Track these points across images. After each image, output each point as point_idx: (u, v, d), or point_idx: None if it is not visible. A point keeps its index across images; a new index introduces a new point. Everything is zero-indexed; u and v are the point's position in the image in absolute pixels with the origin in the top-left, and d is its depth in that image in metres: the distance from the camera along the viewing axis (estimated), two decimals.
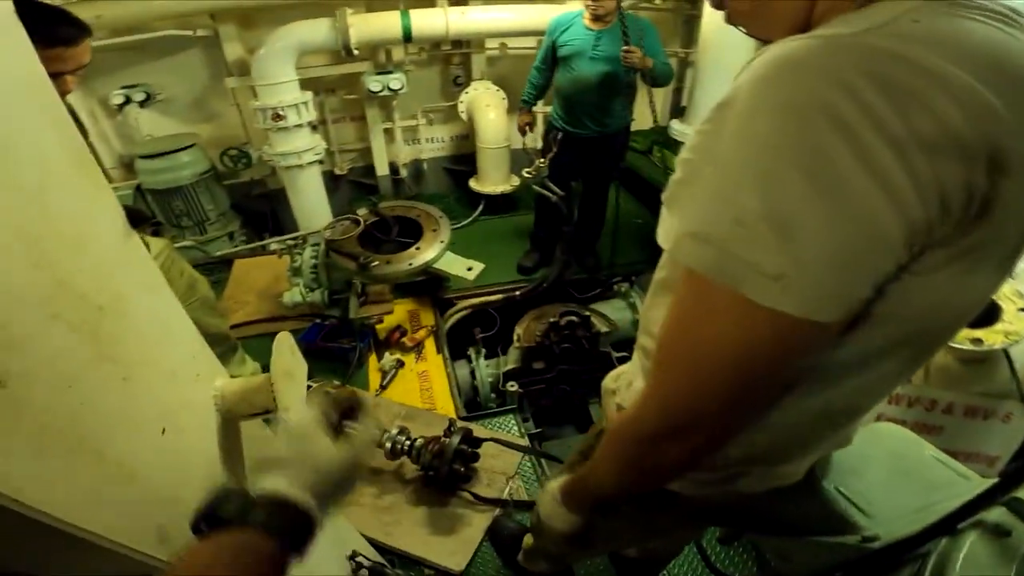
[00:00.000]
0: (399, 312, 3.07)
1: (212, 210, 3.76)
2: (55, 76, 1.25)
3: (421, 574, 1.83)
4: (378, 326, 2.85)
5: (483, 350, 3.14)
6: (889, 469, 0.98)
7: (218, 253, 3.70)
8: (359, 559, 1.23)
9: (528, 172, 2.82)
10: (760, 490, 0.82)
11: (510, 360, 3.09)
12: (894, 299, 0.52)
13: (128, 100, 3.73)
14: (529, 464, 2.18)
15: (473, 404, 3.12)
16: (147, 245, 1.78)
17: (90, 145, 3.47)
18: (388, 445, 1.97)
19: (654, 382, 0.65)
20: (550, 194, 2.87)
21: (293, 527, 0.56)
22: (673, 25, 4.29)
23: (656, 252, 0.73)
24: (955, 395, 1.90)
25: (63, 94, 1.33)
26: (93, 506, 0.54)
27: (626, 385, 0.94)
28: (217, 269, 3.52)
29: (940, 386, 1.94)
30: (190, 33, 3.50)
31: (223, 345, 2.15)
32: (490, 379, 3.08)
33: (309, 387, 0.86)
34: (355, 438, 0.70)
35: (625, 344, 3.31)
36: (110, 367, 0.61)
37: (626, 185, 4.38)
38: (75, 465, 0.53)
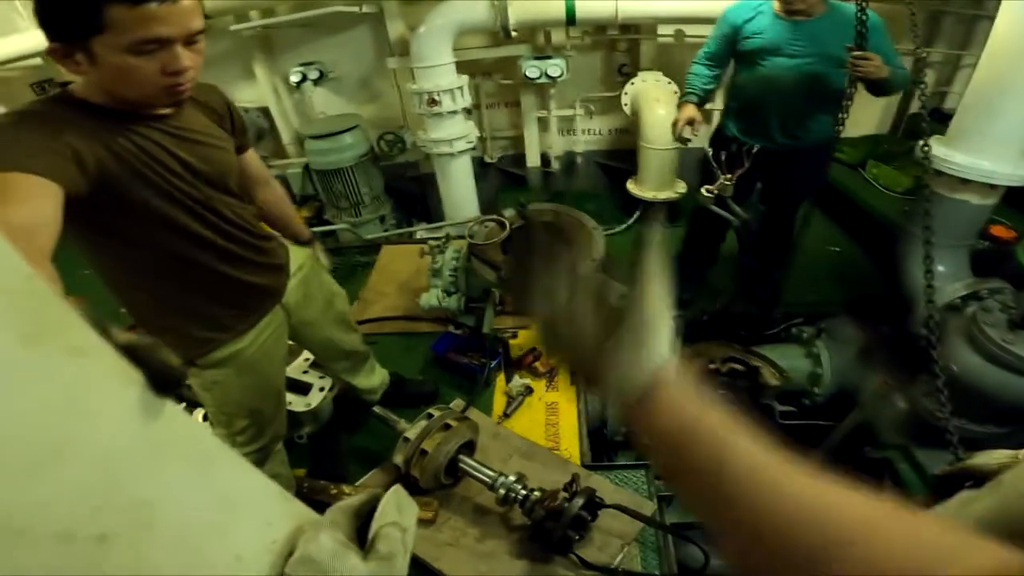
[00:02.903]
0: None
1: (367, 193, 3.82)
2: (161, 43, 1.01)
3: None
4: (511, 341, 2.64)
5: None
6: None
7: (368, 236, 3.76)
8: None
9: (709, 191, 2.34)
10: None
11: None
12: None
13: (304, 77, 3.91)
14: (651, 530, 1.86)
15: (598, 435, 2.81)
16: (289, 254, 1.68)
17: (272, 122, 3.70)
18: (502, 492, 1.75)
19: None
20: (731, 217, 2.38)
21: None
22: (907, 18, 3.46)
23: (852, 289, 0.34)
24: None
25: (177, 75, 1.08)
26: None
27: None
28: (367, 252, 3.58)
29: None
30: (356, 9, 3.50)
31: (353, 359, 2.08)
32: None
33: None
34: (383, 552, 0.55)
35: (791, 396, 2.74)
36: None
37: (824, 205, 3.65)
38: None
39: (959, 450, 1.32)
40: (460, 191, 3.63)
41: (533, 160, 4.21)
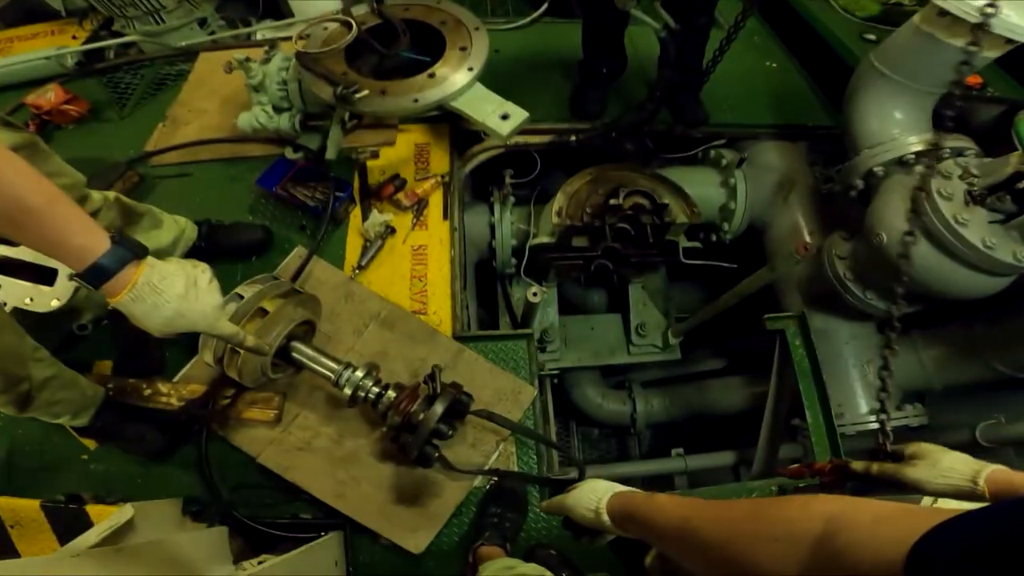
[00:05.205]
0: (404, 144, 2.19)
1: None
2: None
3: (375, 543, 1.49)
4: (370, 163, 2.05)
5: (512, 198, 2.36)
6: None
7: (182, 43, 2.72)
8: None
9: None
10: None
11: (542, 231, 2.32)
12: None
13: None
14: (530, 422, 1.67)
15: (486, 267, 2.49)
16: None
17: None
18: (348, 391, 1.42)
19: None
20: (660, 27, 1.93)
21: None
22: None
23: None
24: None
25: None
26: None
27: None
28: (180, 60, 2.62)
29: None
30: None
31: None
32: (514, 241, 2.37)
33: None
34: None
35: (697, 229, 2.42)
36: None
37: (766, 15, 3.00)
38: None
39: (888, 440, 1.00)
40: None
41: None
